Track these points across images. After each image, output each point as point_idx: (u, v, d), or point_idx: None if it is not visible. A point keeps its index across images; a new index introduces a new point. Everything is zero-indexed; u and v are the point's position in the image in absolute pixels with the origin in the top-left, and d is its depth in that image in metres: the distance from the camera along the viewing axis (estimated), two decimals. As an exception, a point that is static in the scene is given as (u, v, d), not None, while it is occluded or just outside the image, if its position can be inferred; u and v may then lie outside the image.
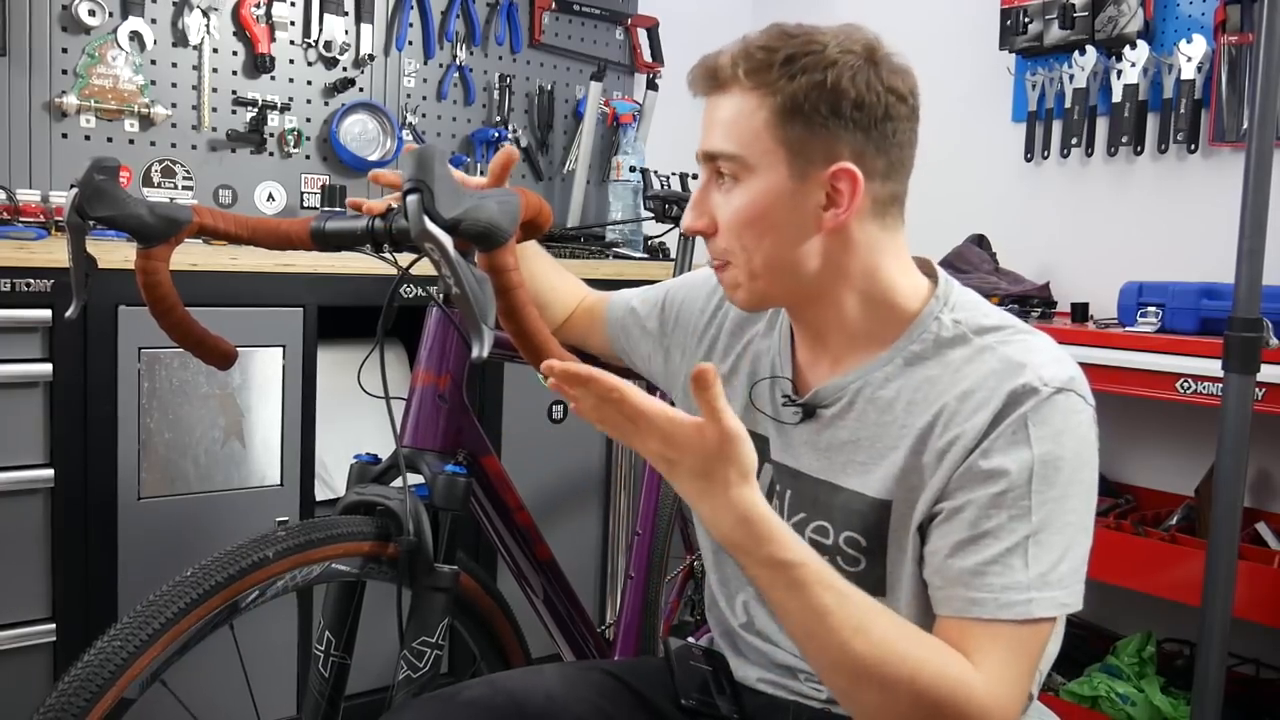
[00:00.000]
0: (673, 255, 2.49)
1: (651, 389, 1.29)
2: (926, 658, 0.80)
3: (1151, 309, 1.91)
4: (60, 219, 1.79)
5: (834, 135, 0.89)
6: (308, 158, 2.43)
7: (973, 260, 2.31)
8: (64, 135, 2.11)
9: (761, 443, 1.04)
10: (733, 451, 0.78)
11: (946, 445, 0.89)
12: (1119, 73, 2.23)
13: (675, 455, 0.79)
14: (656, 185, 2.58)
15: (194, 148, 2.27)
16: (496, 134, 2.67)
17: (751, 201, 0.92)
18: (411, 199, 0.85)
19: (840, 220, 0.91)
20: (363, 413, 1.37)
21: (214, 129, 2.29)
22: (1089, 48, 2.26)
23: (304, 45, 2.39)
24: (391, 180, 1.10)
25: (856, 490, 0.95)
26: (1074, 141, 2.33)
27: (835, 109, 0.89)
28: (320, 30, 2.39)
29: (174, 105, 2.23)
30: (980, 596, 0.84)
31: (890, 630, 0.81)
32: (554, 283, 1.31)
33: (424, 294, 1.18)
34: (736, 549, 0.81)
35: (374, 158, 2.49)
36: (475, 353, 0.85)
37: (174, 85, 2.23)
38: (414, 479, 1.17)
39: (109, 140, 2.16)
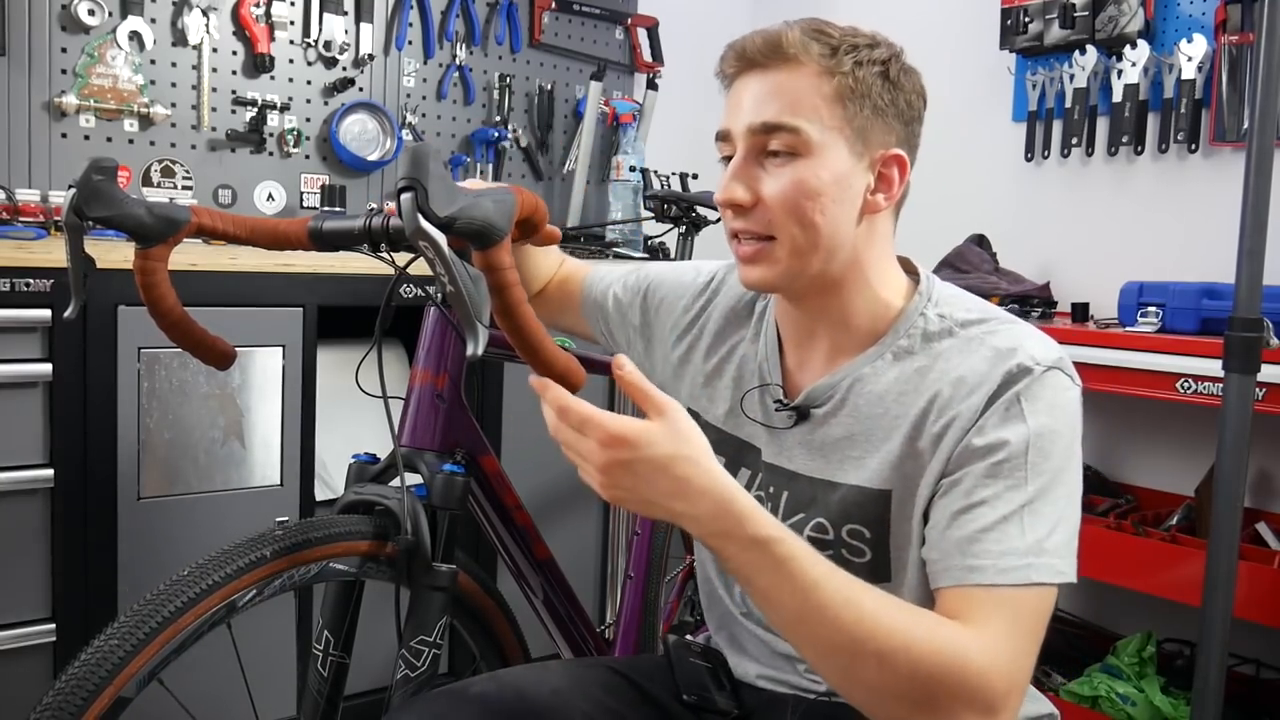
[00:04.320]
0: (673, 255, 2.50)
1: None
2: (918, 624, 0.80)
3: (1152, 309, 1.91)
4: (60, 219, 1.79)
5: (889, 124, 0.94)
6: (307, 158, 2.43)
7: (973, 260, 2.31)
8: (63, 135, 2.11)
9: (753, 451, 1.05)
10: (684, 423, 0.79)
11: (943, 428, 0.90)
12: (1119, 72, 2.22)
13: (628, 453, 0.78)
14: (656, 185, 2.59)
15: (193, 147, 2.27)
16: (496, 134, 2.67)
17: (814, 176, 0.91)
18: (405, 197, 0.84)
19: (884, 205, 0.95)
20: (362, 412, 1.37)
21: (213, 129, 2.29)
22: (1089, 47, 2.26)
23: (304, 45, 2.39)
24: None
25: (854, 484, 0.96)
26: (1074, 141, 2.33)
27: (894, 100, 0.94)
28: (320, 30, 2.39)
29: (173, 105, 2.23)
30: (979, 564, 0.84)
31: (880, 601, 0.80)
32: (535, 259, 1.29)
33: (422, 294, 1.18)
34: (719, 536, 0.79)
35: (374, 157, 2.49)
36: (470, 350, 0.84)
37: (173, 85, 2.24)
38: (412, 478, 1.17)
39: (108, 140, 2.16)
